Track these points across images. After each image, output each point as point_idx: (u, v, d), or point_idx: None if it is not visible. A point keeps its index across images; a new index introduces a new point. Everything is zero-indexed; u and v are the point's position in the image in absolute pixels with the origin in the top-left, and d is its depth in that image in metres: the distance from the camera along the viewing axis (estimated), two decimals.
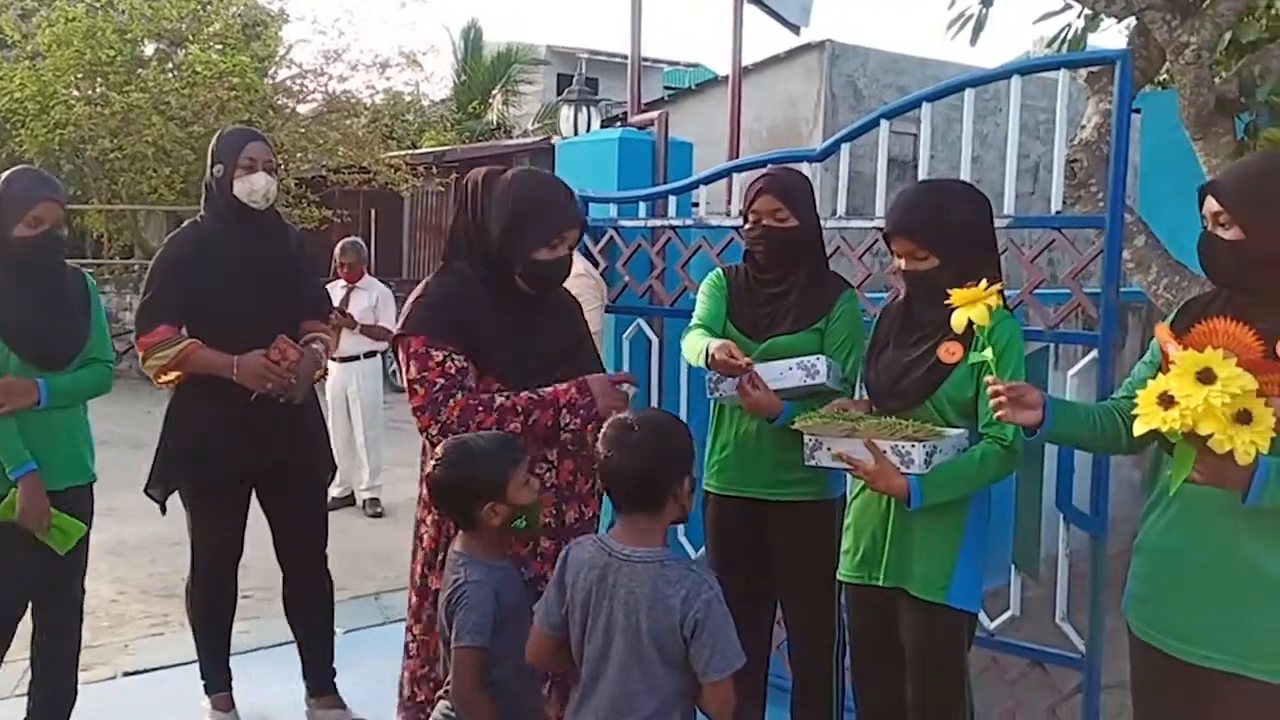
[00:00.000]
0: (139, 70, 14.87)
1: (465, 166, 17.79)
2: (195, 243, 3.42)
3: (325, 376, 3.61)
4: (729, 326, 3.05)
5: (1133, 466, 4.33)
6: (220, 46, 15.05)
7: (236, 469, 3.40)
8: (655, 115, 4.67)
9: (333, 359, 6.31)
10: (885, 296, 3.45)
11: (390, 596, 5.25)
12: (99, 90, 14.53)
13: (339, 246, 7.05)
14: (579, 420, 2.58)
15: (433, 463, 2.39)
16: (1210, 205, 2.14)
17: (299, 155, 15.55)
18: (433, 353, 2.57)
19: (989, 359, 2.28)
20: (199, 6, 15.19)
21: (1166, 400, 1.84)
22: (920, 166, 3.35)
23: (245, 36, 15.81)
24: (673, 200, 4.07)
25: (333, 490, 6.30)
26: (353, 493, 7.15)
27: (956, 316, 2.30)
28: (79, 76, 14.70)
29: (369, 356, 7.02)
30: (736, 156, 5.06)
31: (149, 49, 16.07)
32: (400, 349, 2.65)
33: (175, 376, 3.37)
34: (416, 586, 2.74)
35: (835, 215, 3.58)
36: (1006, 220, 3.08)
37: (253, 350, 3.28)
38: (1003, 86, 3.21)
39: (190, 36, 15.11)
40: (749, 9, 5.36)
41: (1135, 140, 6.23)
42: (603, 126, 8.86)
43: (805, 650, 3.12)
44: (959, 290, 2.32)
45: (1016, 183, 3.25)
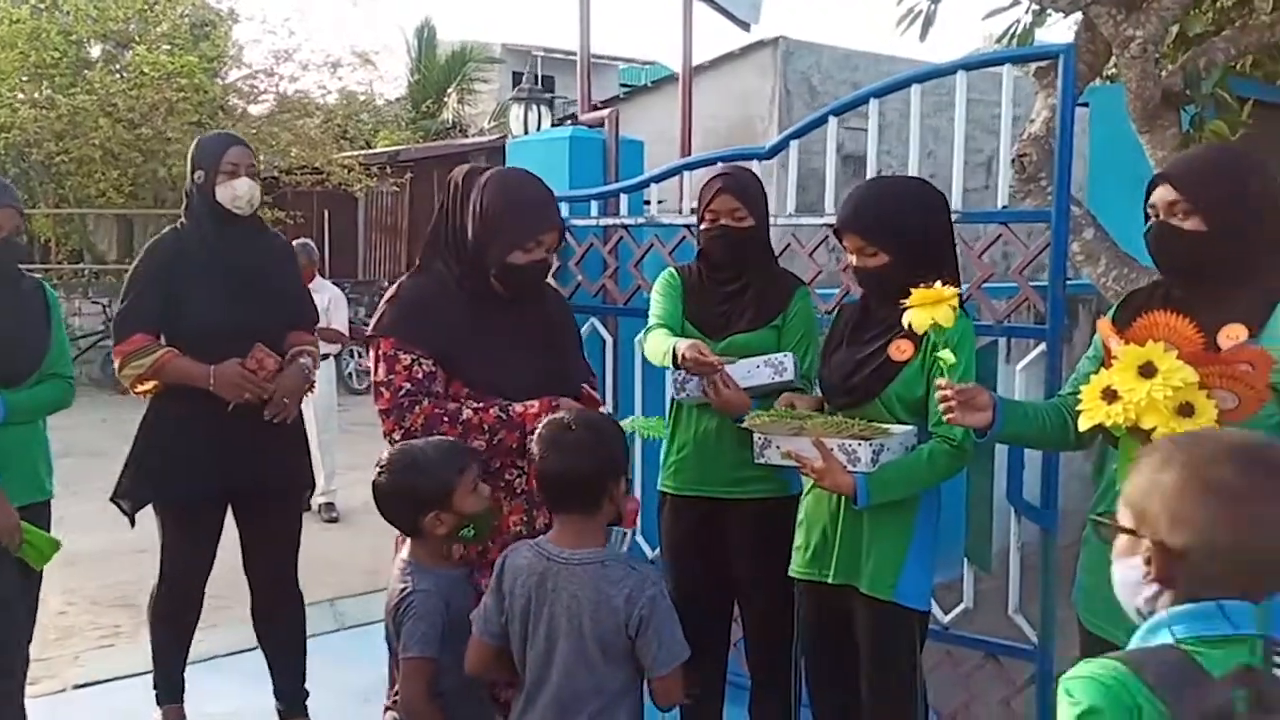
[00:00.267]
0: (85, 72, 14.65)
1: (420, 166, 17.77)
2: (175, 249, 3.33)
3: (313, 389, 3.52)
4: (686, 325, 3.03)
5: (1084, 460, 4.35)
6: (168, 47, 14.84)
7: (213, 486, 3.31)
8: (606, 113, 4.65)
9: None
10: (836, 293, 3.47)
11: (345, 602, 5.20)
12: (44, 93, 14.31)
13: None
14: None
15: (377, 469, 2.35)
16: (1165, 195, 2.12)
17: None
18: (401, 356, 2.52)
19: (950, 361, 2.25)
20: (146, 7, 14.97)
21: (1110, 395, 1.85)
22: (869, 162, 3.35)
23: (193, 37, 15.63)
24: (624, 199, 4.05)
25: None
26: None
27: (918, 317, 2.26)
28: (24, 79, 14.47)
29: (323, 359, 6.94)
30: (689, 154, 5.05)
31: (95, 50, 15.86)
32: (371, 350, 2.62)
33: (152, 386, 3.28)
34: None
35: (787, 213, 3.57)
36: (955, 215, 3.09)
37: (234, 360, 3.20)
38: (957, 82, 3.21)
39: (137, 37, 14.90)
40: (699, 6, 5.35)
41: (1084, 133, 6.32)
42: (556, 125, 8.83)
43: (762, 648, 3.11)
44: (919, 291, 2.28)
45: (971, 177, 3.27)
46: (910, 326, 2.32)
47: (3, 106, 13.93)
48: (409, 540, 2.41)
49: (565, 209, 4.15)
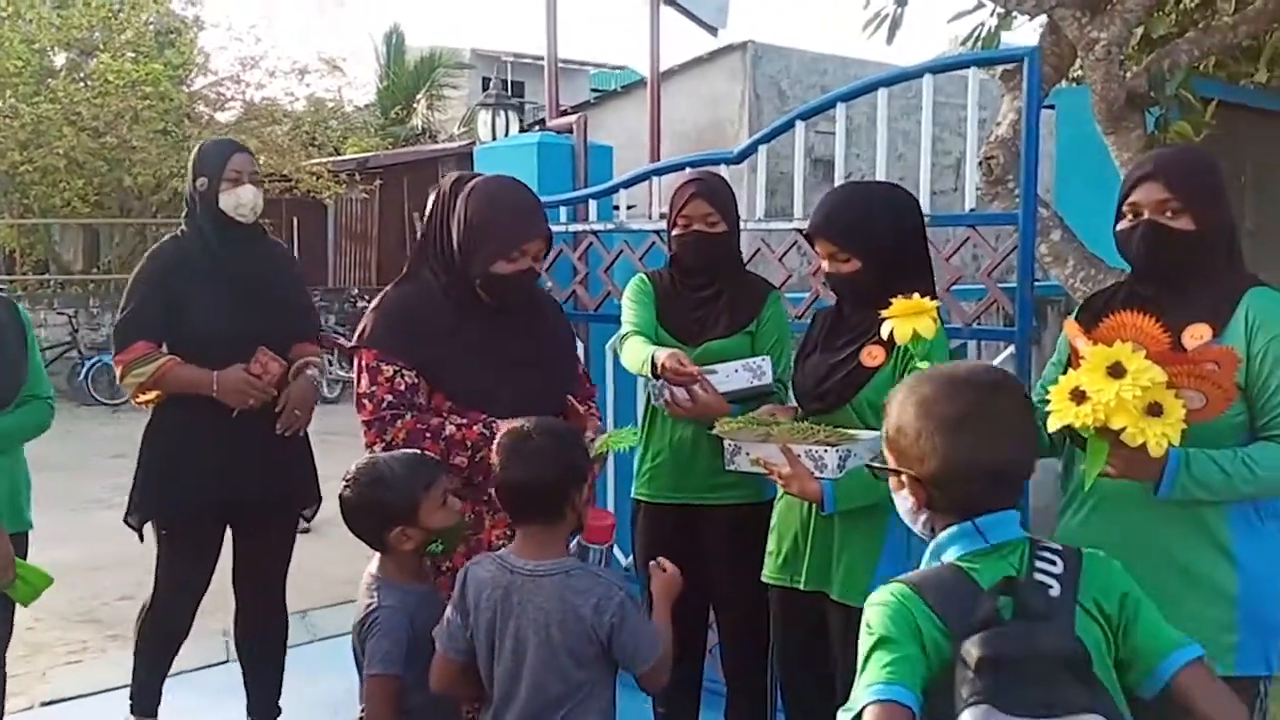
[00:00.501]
0: (48, 81, 14.48)
1: (389, 173, 17.70)
2: (177, 257, 3.28)
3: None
4: (660, 331, 3.01)
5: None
6: (133, 55, 14.70)
7: (214, 498, 3.24)
8: (574, 119, 4.63)
9: None
10: (806, 297, 3.47)
11: (319, 614, 5.15)
12: (7, 101, 14.10)
13: None
14: None
15: (343, 482, 2.32)
16: (1155, 193, 2.10)
17: None
18: (383, 367, 2.49)
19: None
20: (110, 15, 14.83)
21: (1078, 395, 1.84)
22: (837, 166, 3.36)
23: (158, 44, 15.49)
24: (593, 204, 4.04)
25: None
26: None
27: (899, 328, 2.24)
28: None
29: None
30: (658, 159, 5.05)
31: (59, 59, 15.68)
32: (354, 360, 2.58)
33: (155, 396, 3.21)
34: None
35: (756, 217, 3.57)
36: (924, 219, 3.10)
37: (237, 365, 3.14)
38: (924, 85, 3.22)
39: (101, 45, 14.76)
40: (667, 11, 5.36)
41: (1050, 135, 6.36)
42: (525, 131, 8.81)
43: (738, 654, 3.10)
44: (899, 302, 2.27)
45: (940, 178, 3.28)
46: (888, 335, 2.31)
47: None
48: (378, 554, 2.37)
49: None
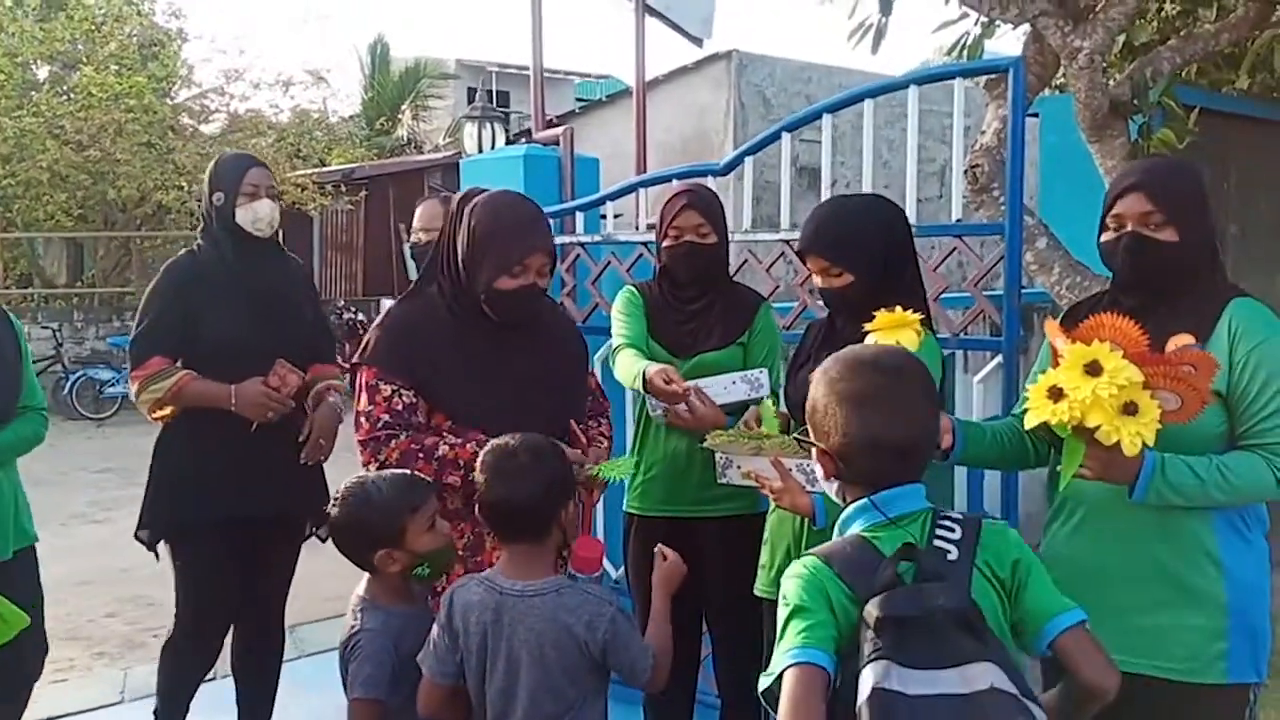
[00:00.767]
0: (31, 94, 14.47)
1: (375, 183, 17.65)
2: (192, 272, 3.23)
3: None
4: (651, 344, 3.00)
5: None
6: (116, 68, 14.65)
7: (230, 513, 3.16)
8: (561, 131, 4.64)
9: None
10: (793, 307, 3.47)
11: (307, 629, 5.11)
12: None
13: None
14: None
15: (331, 502, 2.30)
16: (1138, 205, 2.11)
17: (202, 176, 15.20)
18: (381, 386, 2.47)
19: None
20: (92, 28, 14.80)
21: (1055, 393, 1.85)
22: (824, 176, 3.36)
23: (142, 57, 15.44)
24: (580, 216, 4.04)
25: None
26: None
27: (881, 342, 2.22)
28: None
29: None
30: (644, 171, 5.06)
31: (41, 72, 15.66)
32: (355, 377, 2.56)
33: (170, 411, 3.16)
34: None
35: (743, 228, 3.57)
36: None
37: (255, 379, 3.10)
38: (909, 96, 3.23)
39: (84, 58, 14.71)
40: (651, 21, 5.38)
41: (1034, 142, 6.38)
42: (511, 143, 8.79)
43: (732, 667, 3.08)
44: (882, 315, 2.26)
45: (924, 185, 3.29)
46: None
47: None
48: (367, 575, 2.35)
49: None
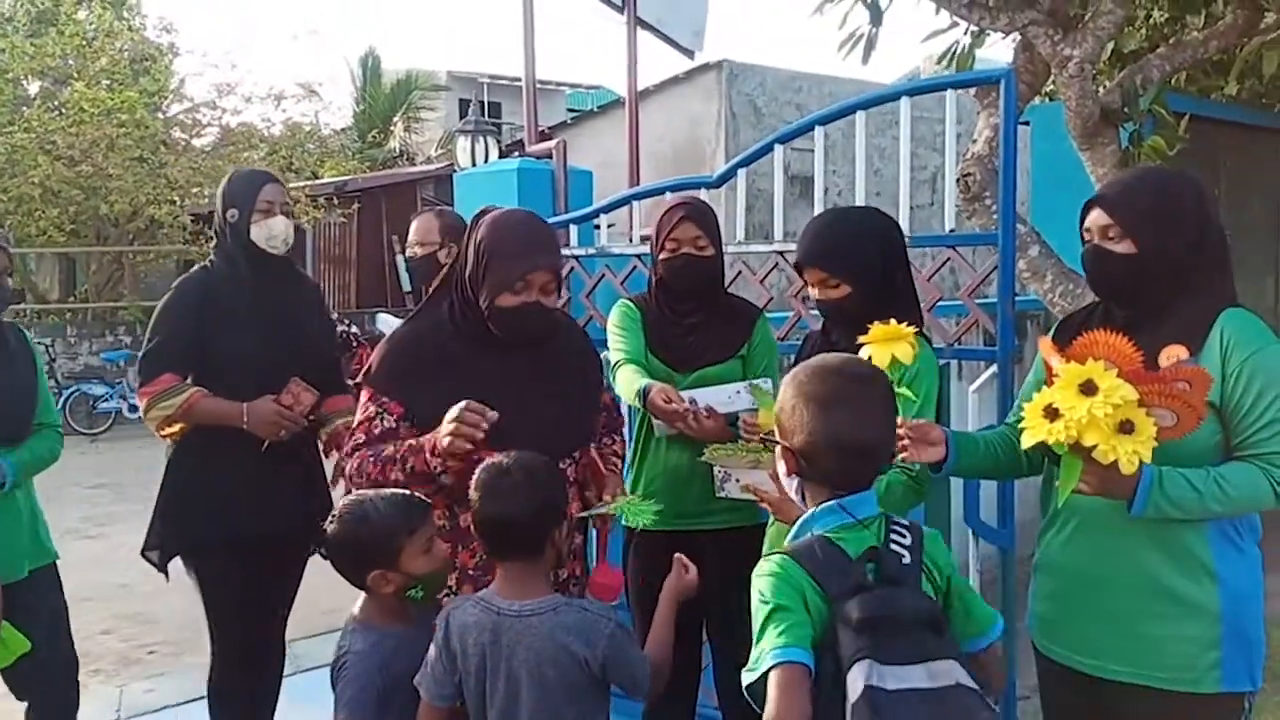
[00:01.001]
0: (23, 110, 14.44)
1: (367, 196, 17.61)
2: (205, 288, 3.19)
3: None
4: (651, 359, 2.99)
5: None
6: (107, 83, 14.67)
7: (245, 532, 3.11)
8: (554, 144, 4.65)
9: None
10: (788, 317, 3.48)
11: (302, 644, 5.09)
12: None
13: None
14: (435, 460, 2.35)
15: (330, 518, 2.29)
16: (1098, 219, 2.16)
17: (195, 190, 15.23)
18: (370, 407, 2.47)
19: (909, 395, 2.23)
20: (84, 43, 14.81)
21: (1051, 413, 1.86)
22: (816, 187, 3.38)
23: (133, 71, 15.44)
24: (574, 229, 4.04)
25: None
26: None
27: (877, 355, 2.22)
28: None
29: None
30: (637, 183, 5.07)
31: (33, 88, 15.66)
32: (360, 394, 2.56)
33: (179, 428, 3.11)
34: None
35: (736, 240, 3.58)
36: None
37: (267, 396, 3.07)
38: (901, 107, 3.24)
39: (76, 74, 14.70)
40: (642, 33, 5.40)
41: (1025, 149, 6.41)
42: (504, 154, 8.78)
43: (732, 679, 3.06)
44: (876, 328, 2.25)
45: (915, 193, 3.30)
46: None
47: None
48: (363, 594, 2.33)
49: None
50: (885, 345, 2.20)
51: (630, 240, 3.90)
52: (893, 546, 1.75)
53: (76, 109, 14.05)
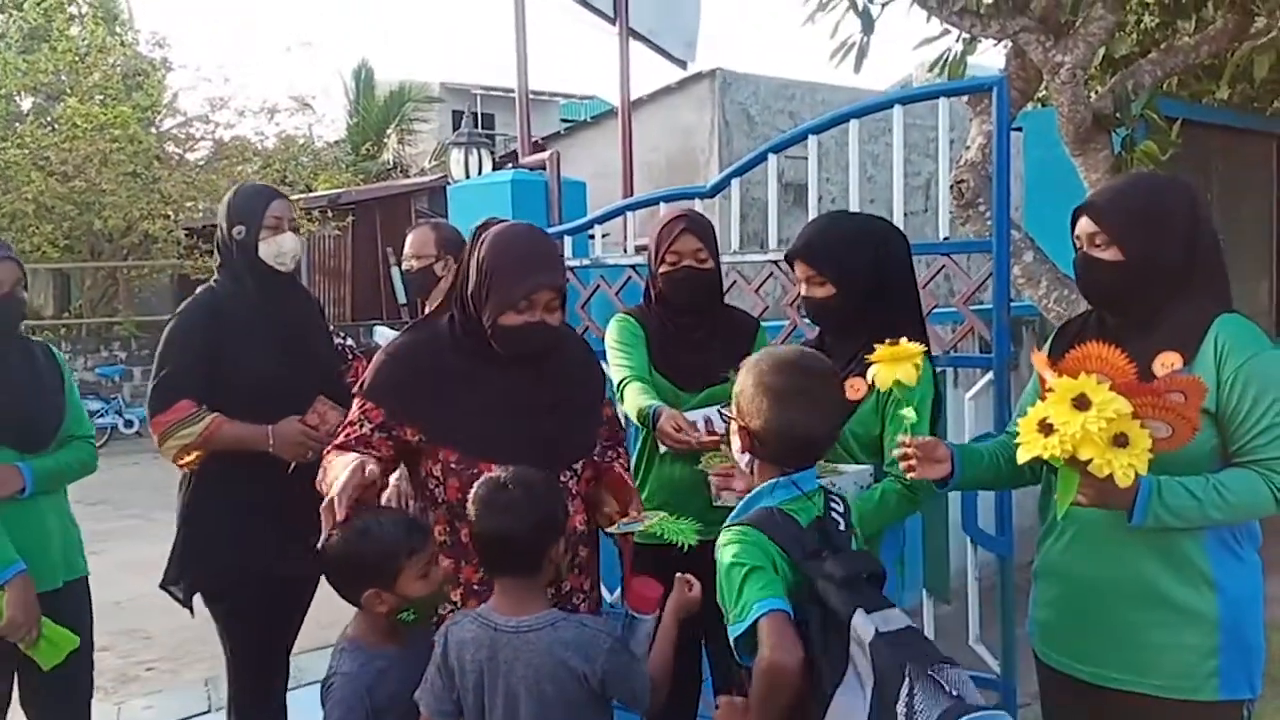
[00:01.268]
0: (15, 125, 14.45)
1: (362, 208, 17.62)
2: (213, 309, 3.07)
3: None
4: (656, 377, 2.97)
5: None
6: (100, 98, 14.65)
7: (272, 571, 2.97)
8: (547, 155, 4.65)
9: None
10: (784, 325, 3.48)
11: (302, 658, 5.05)
12: None
13: None
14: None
15: (327, 531, 2.26)
16: (1086, 226, 2.18)
17: (189, 205, 15.24)
18: (355, 415, 2.45)
19: (913, 419, 2.18)
20: (76, 59, 14.80)
21: (1046, 428, 1.86)
22: (810, 195, 3.38)
23: (126, 87, 15.43)
24: (568, 240, 4.04)
25: None
26: None
27: (881, 375, 2.18)
28: None
29: None
30: (631, 193, 5.07)
31: (25, 103, 15.67)
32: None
33: (196, 456, 2.99)
34: None
35: (731, 249, 3.58)
36: None
37: (291, 417, 2.99)
38: (894, 115, 3.24)
39: (68, 89, 14.72)
40: (634, 43, 5.41)
41: (1018, 155, 6.42)
42: (497, 166, 8.78)
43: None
44: (883, 348, 2.20)
45: (909, 199, 3.30)
46: (871, 379, 2.27)
47: None
48: (357, 611, 2.31)
49: None
50: (891, 366, 2.16)
51: (625, 251, 3.90)
52: (832, 515, 1.99)
53: (69, 124, 14.06)
